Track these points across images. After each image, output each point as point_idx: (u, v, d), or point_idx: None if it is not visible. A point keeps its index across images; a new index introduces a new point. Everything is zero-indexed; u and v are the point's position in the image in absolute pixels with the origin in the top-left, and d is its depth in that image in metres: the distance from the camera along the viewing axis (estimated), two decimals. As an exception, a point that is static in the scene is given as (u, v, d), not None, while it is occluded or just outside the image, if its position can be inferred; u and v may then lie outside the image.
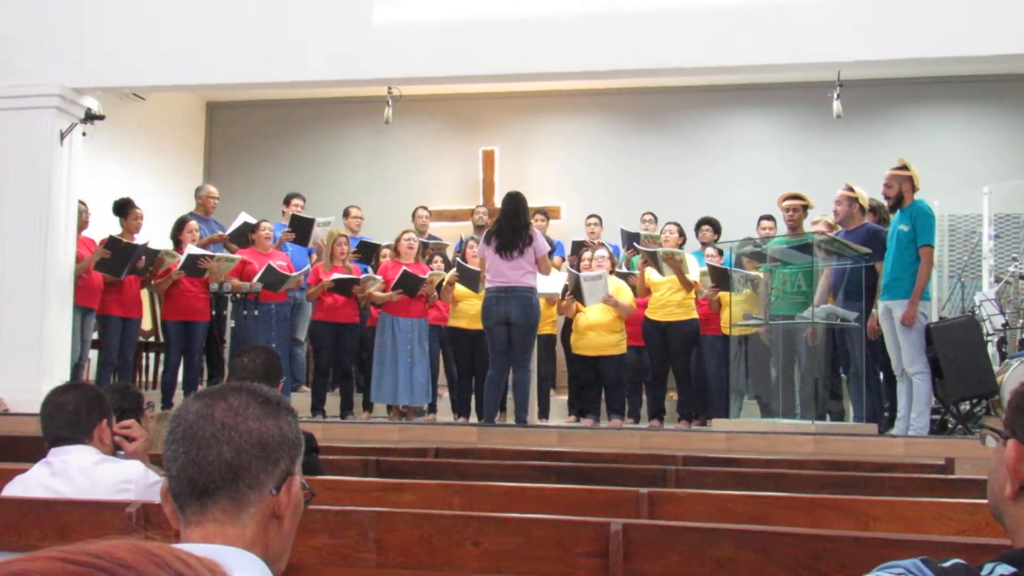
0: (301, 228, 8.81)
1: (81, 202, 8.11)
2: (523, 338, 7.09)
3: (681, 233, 8.32)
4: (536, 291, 7.14)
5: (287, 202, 9.46)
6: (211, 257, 7.95)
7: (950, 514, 2.97)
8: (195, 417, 1.45)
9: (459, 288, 8.14)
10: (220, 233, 8.86)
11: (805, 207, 7.59)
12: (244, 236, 8.61)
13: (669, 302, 7.95)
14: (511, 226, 7.08)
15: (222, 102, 12.16)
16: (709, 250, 8.44)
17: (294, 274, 8.16)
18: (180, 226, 8.40)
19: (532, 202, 10.35)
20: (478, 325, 7.47)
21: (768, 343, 7.55)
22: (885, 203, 7.02)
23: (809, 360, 7.26)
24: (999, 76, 10.30)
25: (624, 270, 8.56)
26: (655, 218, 9.46)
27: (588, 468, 4.25)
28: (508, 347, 7.10)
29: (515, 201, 7.21)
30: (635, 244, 8.74)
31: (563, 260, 9.30)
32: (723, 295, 7.94)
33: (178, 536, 1.44)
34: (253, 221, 8.65)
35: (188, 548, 1.36)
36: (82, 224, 8.10)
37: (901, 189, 6.67)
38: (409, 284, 7.97)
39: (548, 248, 7.41)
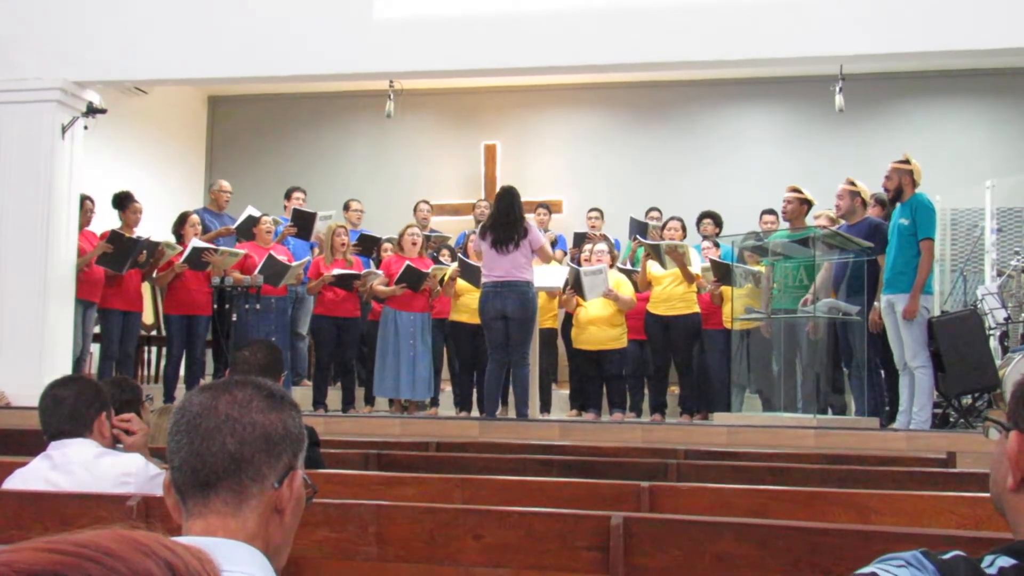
0: (303, 222, 8.81)
1: (89, 198, 8.11)
2: (521, 332, 7.08)
3: (685, 228, 8.32)
4: (532, 284, 7.14)
5: (288, 196, 9.48)
6: (215, 251, 7.95)
7: (951, 508, 2.98)
8: (199, 409, 1.45)
9: (461, 282, 8.14)
10: (228, 227, 8.87)
11: (802, 200, 7.57)
12: (249, 230, 8.61)
13: (672, 295, 7.94)
14: (506, 220, 7.08)
15: (224, 96, 12.15)
16: (706, 243, 8.44)
17: (294, 264, 8.15)
18: (182, 221, 8.39)
19: (534, 196, 10.42)
20: (479, 319, 7.47)
21: (770, 337, 7.55)
22: (885, 195, 7.02)
23: (811, 354, 7.26)
24: (1002, 70, 10.28)
25: (628, 266, 8.55)
26: (661, 214, 9.44)
27: (589, 462, 4.25)
28: (506, 341, 7.11)
29: (509, 195, 7.21)
30: (638, 236, 8.73)
31: (564, 254, 9.29)
32: (725, 289, 7.93)
33: (180, 529, 1.44)
34: (258, 215, 8.65)
35: (188, 539, 1.37)
36: (87, 220, 8.10)
37: (900, 182, 6.67)
38: (412, 279, 7.97)
39: (543, 240, 7.43)
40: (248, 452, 1.42)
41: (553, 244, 8.79)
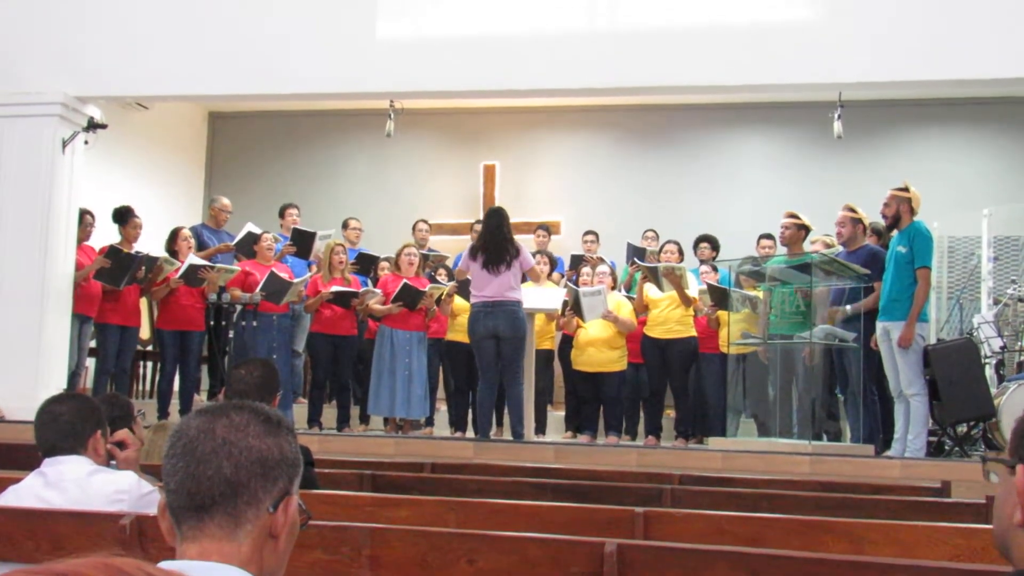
0: (302, 242, 8.81)
1: (90, 213, 8.11)
2: (513, 352, 7.07)
3: (681, 252, 8.32)
4: (522, 305, 7.14)
5: (282, 214, 9.50)
6: (211, 268, 7.94)
7: (945, 538, 2.97)
8: (196, 432, 1.45)
9: (458, 301, 8.14)
10: (226, 243, 8.87)
11: (799, 226, 7.58)
12: (249, 247, 8.61)
13: (668, 319, 7.94)
14: (496, 240, 7.09)
15: (224, 112, 12.19)
16: (704, 267, 8.44)
17: (296, 281, 8.13)
18: (174, 237, 8.39)
19: (532, 217, 10.46)
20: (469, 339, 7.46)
21: (766, 362, 7.55)
22: (883, 222, 7.04)
23: (807, 380, 7.26)
24: (1000, 98, 10.33)
25: (624, 293, 8.54)
26: (657, 235, 9.45)
27: (584, 486, 4.24)
28: (497, 360, 7.09)
29: (498, 215, 7.24)
30: (636, 259, 8.74)
31: (562, 276, 9.29)
32: (722, 313, 7.93)
33: (174, 552, 1.44)
34: (258, 231, 8.64)
35: (184, 565, 1.37)
36: (86, 234, 8.10)
37: (899, 210, 6.68)
38: (409, 297, 7.97)
39: (532, 261, 7.45)
40: (244, 476, 1.42)
41: (553, 267, 8.79)
